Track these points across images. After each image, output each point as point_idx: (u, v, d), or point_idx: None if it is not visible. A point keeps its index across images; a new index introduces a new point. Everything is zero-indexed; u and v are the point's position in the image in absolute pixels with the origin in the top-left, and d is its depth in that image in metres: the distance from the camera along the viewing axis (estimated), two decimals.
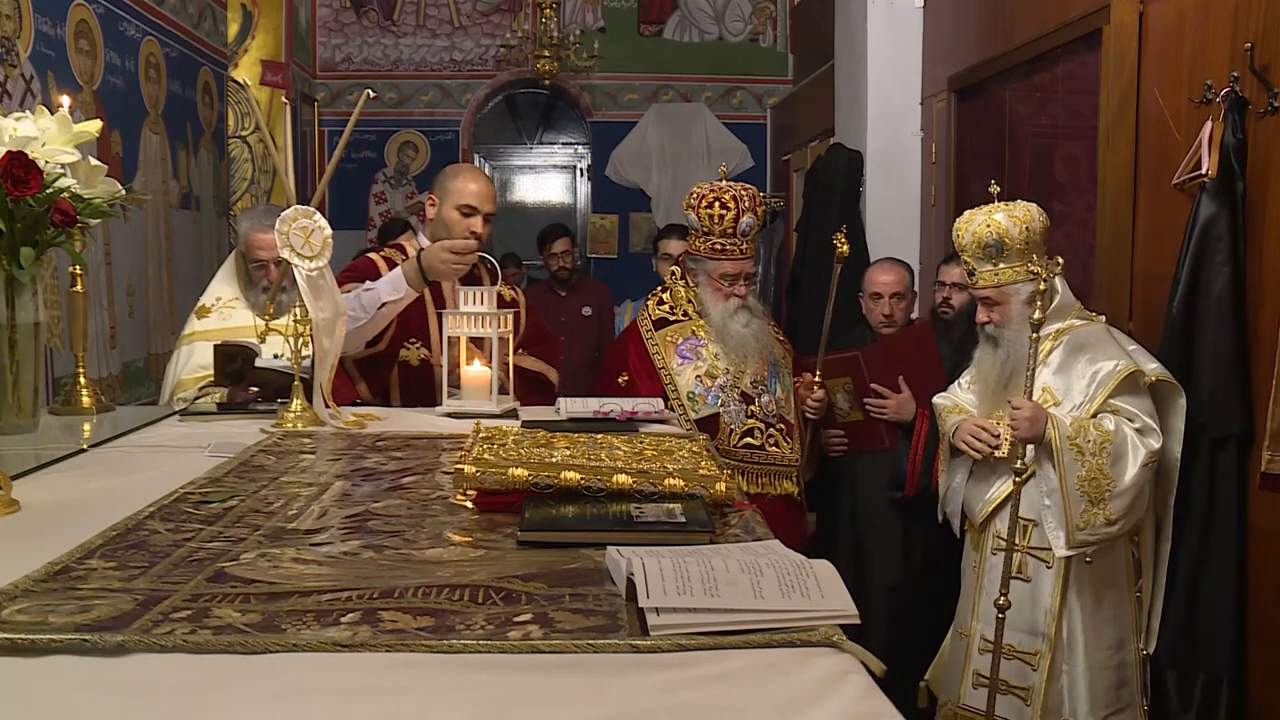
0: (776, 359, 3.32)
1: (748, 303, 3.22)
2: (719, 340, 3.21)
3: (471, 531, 1.59)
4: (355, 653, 1.13)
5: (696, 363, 3.20)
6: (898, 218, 5.20)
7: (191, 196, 5.58)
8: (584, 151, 9.45)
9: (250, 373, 2.80)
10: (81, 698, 1.06)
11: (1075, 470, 2.68)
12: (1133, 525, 2.76)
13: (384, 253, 3.14)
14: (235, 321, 3.16)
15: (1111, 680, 2.81)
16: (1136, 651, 2.84)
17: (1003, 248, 2.81)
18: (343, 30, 8.70)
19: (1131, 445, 2.69)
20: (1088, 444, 2.68)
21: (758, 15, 8.88)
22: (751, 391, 3.21)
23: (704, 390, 3.17)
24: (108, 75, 4.48)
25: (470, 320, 2.68)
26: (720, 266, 3.19)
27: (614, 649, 1.15)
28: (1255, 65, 2.72)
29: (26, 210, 2.08)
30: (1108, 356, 2.75)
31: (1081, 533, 2.70)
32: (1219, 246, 2.78)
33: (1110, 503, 2.67)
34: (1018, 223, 2.80)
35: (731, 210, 3.13)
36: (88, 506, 1.72)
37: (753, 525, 1.63)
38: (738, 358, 3.20)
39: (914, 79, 5.18)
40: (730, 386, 3.19)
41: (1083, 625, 2.80)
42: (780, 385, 3.29)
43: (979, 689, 2.93)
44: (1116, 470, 2.67)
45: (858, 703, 1.06)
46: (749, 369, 3.22)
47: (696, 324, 3.25)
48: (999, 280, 2.83)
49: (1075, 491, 2.68)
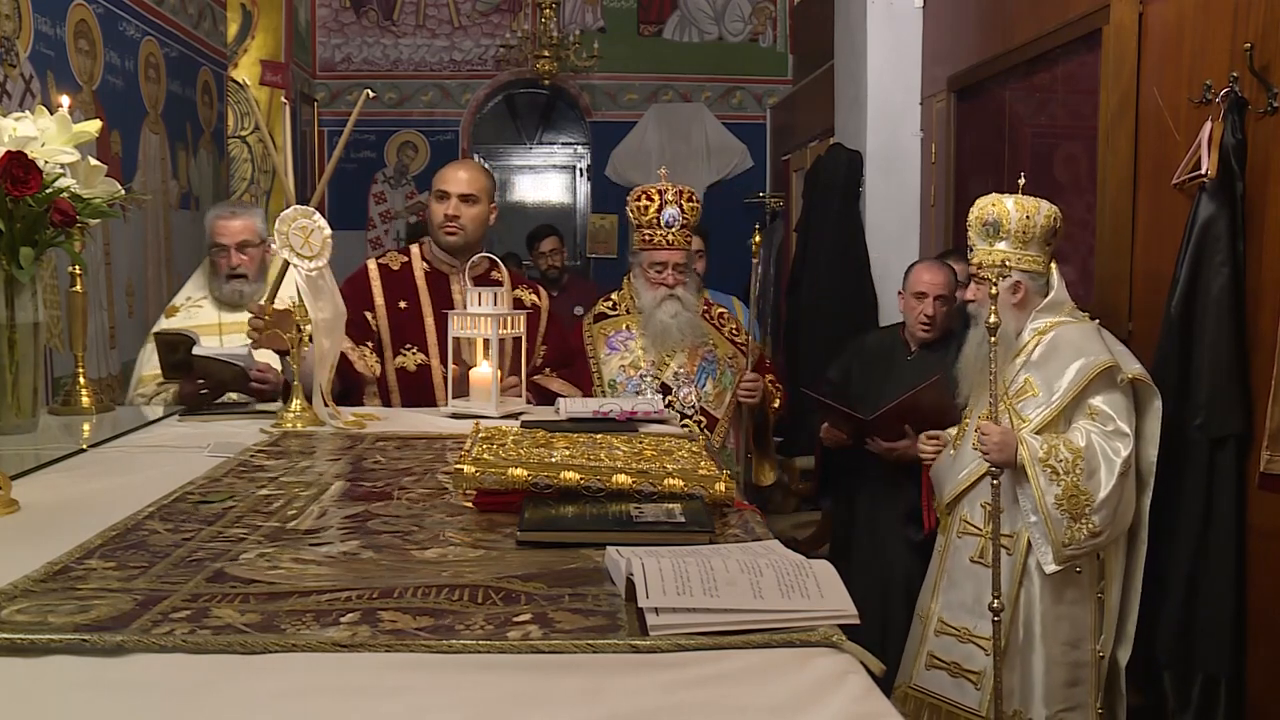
0: (718, 356, 3.40)
1: (677, 293, 3.31)
2: (644, 327, 3.36)
3: (471, 531, 1.59)
4: (355, 653, 1.13)
5: (623, 353, 3.38)
6: (897, 218, 5.20)
7: (191, 196, 5.57)
8: (584, 151, 9.44)
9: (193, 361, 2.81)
10: (81, 698, 1.06)
11: (1052, 490, 2.69)
12: (1121, 531, 2.76)
13: (382, 259, 3.15)
14: (199, 320, 3.17)
15: (1064, 677, 2.81)
16: (1094, 653, 2.82)
17: (999, 229, 2.85)
18: (342, 30, 8.69)
19: (1104, 458, 2.69)
20: (1060, 463, 2.69)
21: (757, 15, 8.88)
22: (672, 383, 3.33)
23: (625, 379, 3.34)
24: (107, 75, 4.48)
25: (476, 321, 2.67)
26: (650, 255, 3.35)
27: (613, 649, 1.15)
28: (1255, 65, 2.72)
29: (26, 210, 2.08)
30: (1089, 353, 2.77)
31: (1068, 549, 2.71)
32: (1218, 247, 2.78)
33: (1092, 516, 2.68)
34: (1021, 210, 2.83)
35: (655, 201, 3.30)
36: (87, 506, 1.72)
37: (752, 525, 1.63)
38: (658, 346, 3.32)
39: (914, 79, 5.18)
40: (651, 377, 3.32)
41: (1039, 617, 2.81)
42: (713, 381, 3.37)
43: (932, 670, 2.98)
44: (1092, 484, 2.68)
45: (857, 703, 1.06)
46: (674, 361, 3.34)
47: (632, 319, 3.42)
48: (991, 259, 2.86)
49: (1054, 510, 2.69)
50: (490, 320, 2.63)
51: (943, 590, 3.01)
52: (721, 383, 3.39)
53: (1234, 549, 2.77)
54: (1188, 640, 2.83)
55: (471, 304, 2.69)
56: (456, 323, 2.70)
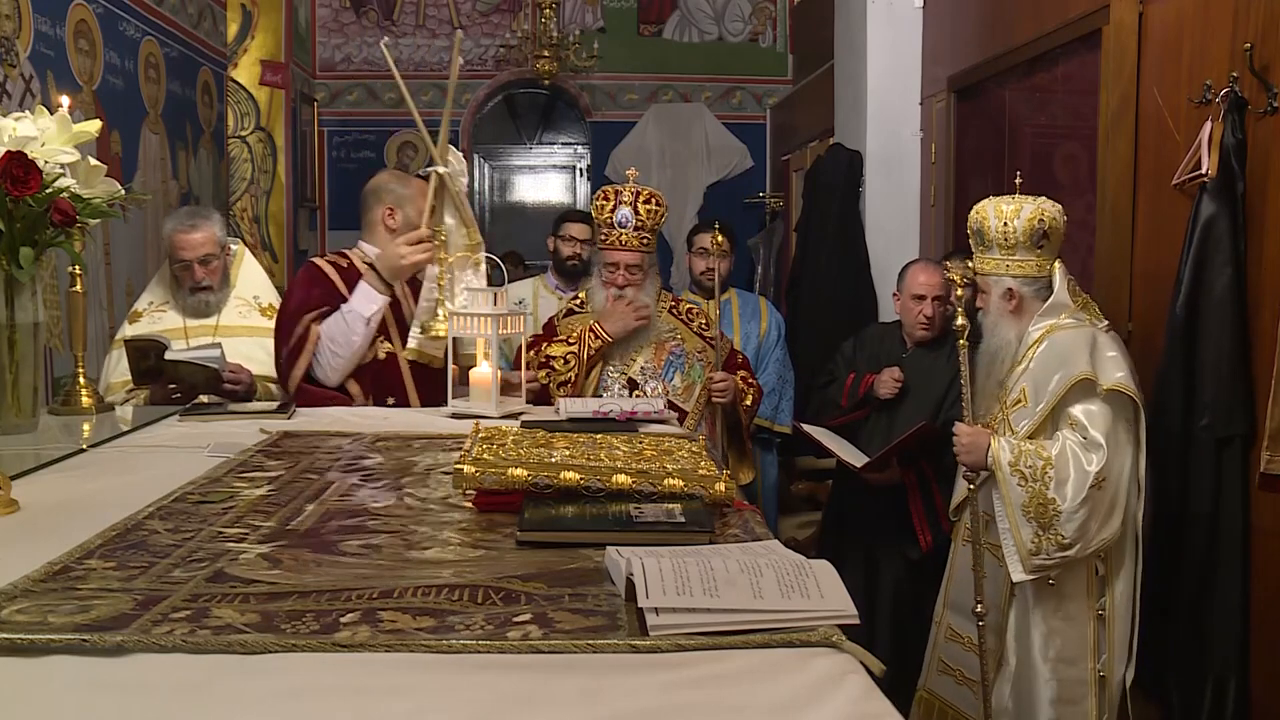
0: (686, 350, 3.42)
1: (626, 294, 3.32)
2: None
3: (471, 531, 1.59)
4: (355, 653, 1.13)
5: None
6: (897, 218, 5.20)
7: (191, 196, 5.57)
8: (583, 151, 9.44)
9: (165, 367, 2.80)
10: (81, 698, 1.06)
11: (1019, 496, 2.65)
12: (1104, 545, 2.68)
13: (329, 258, 3.13)
14: (164, 325, 3.16)
15: (1055, 693, 2.73)
16: (1093, 672, 2.74)
17: (983, 237, 2.84)
18: (342, 30, 8.69)
19: (1076, 468, 2.64)
20: (1029, 469, 2.65)
21: (757, 15, 8.88)
22: (639, 378, 3.34)
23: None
24: (107, 75, 4.48)
25: (476, 321, 2.67)
26: (604, 255, 3.38)
27: (613, 649, 1.15)
28: (1255, 65, 2.72)
29: (26, 210, 2.08)
30: (1070, 363, 2.70)
31: (1036, 558, 2.66)
32: (1220, 247, 2.78)
33: (1060, 526, 2.63)
34: (999, 217, 2.80)
35: (610, 201, 3.32)
36: (87, 506, 1.72)
37: (752, 525, 1.63)
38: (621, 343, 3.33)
39: (914, 79, 5.18)
40: (618, 373, 3.34)
41: (1032, 630, 2.75)
42: (681, 375, 3.38)
43: (942, 675, 2.98)
44: (1061, 494, 2.63)
45: (857, 703, 1.06)
46: (640, 357, 3.36)
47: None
48: (984, 268, 2.86)
49: (1021, 516, 2.65)
50: (490, 320, 2.63)
51: (951, 597, 3.02)
52: (690, 376, 3.40)
53: (1240, 550, 2.74)
54: (1197, 644, 2.80)
55: (471, 304, 2.69)
56: (456, 323, 2.70)
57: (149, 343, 2.85)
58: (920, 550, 3.51)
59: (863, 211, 5.26)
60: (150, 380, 2.86)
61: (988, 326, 2.88)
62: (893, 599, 3.63)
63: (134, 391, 2.98)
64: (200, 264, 3.16)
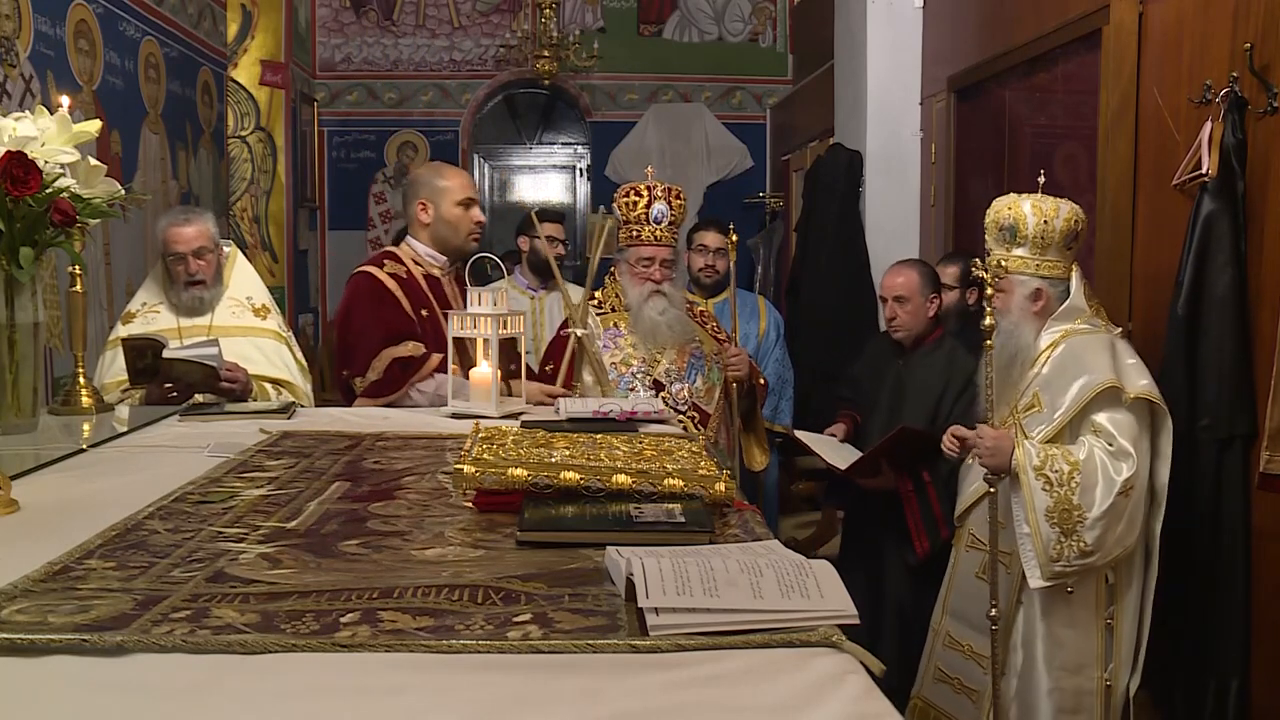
0: (705, 353, 3.42)
1: (664, 289, 3.32)
2: (633, 325, 3.36)
3: (471, 531, 1.59)
4: (355, 653, 1.13)
5: (614, 350, 3.38)
6: (897, 218, 5.20)
7: (191, 196, 5.57)
8: (583, 151, 9.44)
9: (163, 366, 2.80)
10: (81, 698, 1.06)
11: (1044, 501, 2.57)
12: (1122, 554, 2.63)
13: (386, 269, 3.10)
14: (158, 325, 3.16)
15: (1060, 703, 2.69)
16: (1100, 681, 2.69)
17: (1016, 234, 2.76)
18: (342, 30, 8.69)
19: (1104, 475, 2.57)
20: (1055, 474, 2.57)
21: (757, 15, 8.87)
22: (664, 379, 3.33)
23: (616, 376, 3.34)
24: (107, 75, 4.48)
25: (474, 321, 2.67)
26: (637, 251, 3.35)
27: (613, 649, 1.15)
28: (1255, 65, 2.72)
29: (26, 210, 2.08)
30: (1092, 370, 2.64)
31: (1056, 564, 2.58)
32: (1221, 247, 2.77)
33: (1084, 533, 2.56)
34: (1039, 214, 2.73)
35: (644, 197, 3.31)
36: (87, 506, 1.72)
37: (752, 525, 1.63)
38: (649, 343, 3.33)
39: (914, 79, 5.18)
40: (643, 374, 3.33)
41: (1039, 639, 2.71)
42: (703, 377, 3.39)
43: (938, 684, 2.96)
44: (1086, 500, 2.55)
45: (857, 703, 1.06)
46: (664, 359, 3.35)
47: (620, 316, 3.41)
48: (1010, 266, 2.79)
49: (1044, 522, 2.57)
50: (490, 320, 2.63)
51: (951, 604, 2.98)
52: (710, 378, 3.41)
53: (1242, 550, 2.74)
54: (1199, 646, 2.80)
55: (472, 304, 2.69)
56: (456, 323, 2.70)
57: (146, 341, 2.84)
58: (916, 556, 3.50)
59: (863, 211, 5.26)
60: (147, 379, 2.86)
61: (1006, 328, 2.78)
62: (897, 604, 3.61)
63: (129, 391, 2.98)
64: (194, 256, 3.17)
